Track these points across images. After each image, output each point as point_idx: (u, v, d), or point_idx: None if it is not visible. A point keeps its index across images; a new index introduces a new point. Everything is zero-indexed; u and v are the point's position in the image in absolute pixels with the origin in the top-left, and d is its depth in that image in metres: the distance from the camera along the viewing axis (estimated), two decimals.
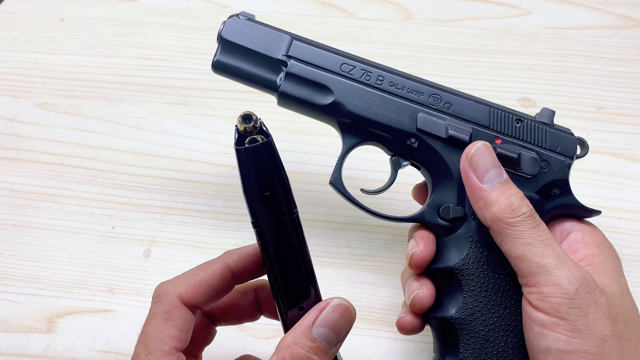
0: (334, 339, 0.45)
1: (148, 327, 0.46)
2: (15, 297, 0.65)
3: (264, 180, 0.45)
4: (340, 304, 0.46)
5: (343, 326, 0.46)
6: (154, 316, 0.46)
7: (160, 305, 0.47)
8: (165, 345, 0.45)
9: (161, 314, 0.46)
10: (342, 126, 0.56)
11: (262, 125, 0.46)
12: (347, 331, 0.46)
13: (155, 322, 0.46)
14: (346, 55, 0.57)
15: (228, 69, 0.57)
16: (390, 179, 0.57)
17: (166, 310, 0.46)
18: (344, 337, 0.46)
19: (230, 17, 0.57)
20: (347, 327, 0.46)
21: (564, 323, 0.44)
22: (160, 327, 0.46)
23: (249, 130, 0.45)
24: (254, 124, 0.45)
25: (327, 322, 0.45)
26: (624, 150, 0.76)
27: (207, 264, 0.49)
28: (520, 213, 0.47)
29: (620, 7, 0.92)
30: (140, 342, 0.46)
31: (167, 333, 0.45)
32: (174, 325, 0.46)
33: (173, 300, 0.47)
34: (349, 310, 0.46)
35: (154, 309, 0.47)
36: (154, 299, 0.48)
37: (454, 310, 0.51)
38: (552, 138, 0.54)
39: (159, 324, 0.46)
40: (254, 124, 0.45)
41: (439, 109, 0.55)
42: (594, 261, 0.50)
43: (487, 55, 0.86)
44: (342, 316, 0.45)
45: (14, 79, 0.85)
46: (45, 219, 0.71)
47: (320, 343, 0.44)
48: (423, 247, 0.53)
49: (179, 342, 0.46)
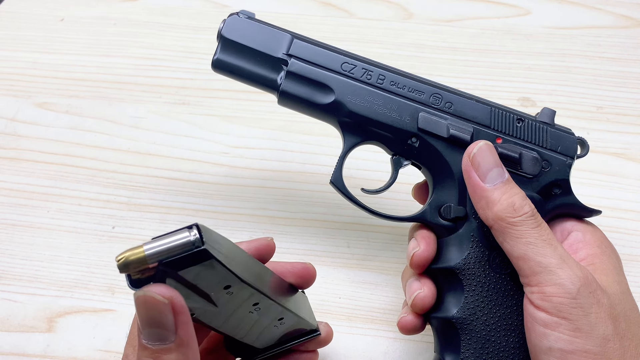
0: (162, 332, 0.38)
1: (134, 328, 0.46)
2: (15, 297, 0.65)
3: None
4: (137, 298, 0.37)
5: (155, 314, 0.38)
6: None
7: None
8: None
9: None
10: (343, 125, 0.56)
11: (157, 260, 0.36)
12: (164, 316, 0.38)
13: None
14: (347, 54, 0.57)
15: (228, 68, 0.57)
16: (391, 179, 0.57)
17: None
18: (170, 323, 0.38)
19: (230, 15, 0.57)
20: (159, 312, 0.37)
21: (566, 323, 0.44)
22: None
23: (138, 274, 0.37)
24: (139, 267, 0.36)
25: (142, 323, 0.38)
26: (624, 150, 0.76)
27: None
28: (522, 212, 0.47)
29: (620, 7, 0.92)
30: (128, 342, 0.45)
31: None
32: None
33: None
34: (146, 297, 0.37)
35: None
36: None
37: (455, 310, 0.51)
38: (553, 138, 0.54)
39: None
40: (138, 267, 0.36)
41: (440, 108, 0.55)
42: (595, 261, 0.50)
43: (487, 55, 0.86)
44: (145, 308, 0.38)
45: (14, 79, 0.85)
46: (45, 219, 0.71)
47: (153, 344, 0.38)
48: (424, 247, 0.53)
49: None
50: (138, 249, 0.36)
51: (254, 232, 0.69)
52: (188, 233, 0.36)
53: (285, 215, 0.71)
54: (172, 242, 0.36)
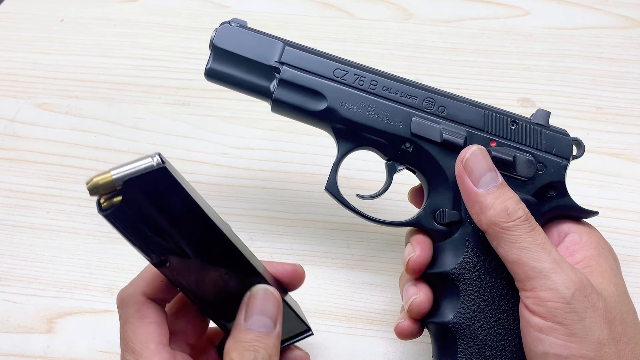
0: (269, 322, 0.46)
1: (126, 333, 0.46)
2: (15, 298, 0.65)
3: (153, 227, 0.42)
4: (258, 289, 0.47)
5: (270, 306, 0.47)
6: (127, 320, 0.46)
7: (128, 308, 0.47)
8: (150, 344, 0.45)
9: (132, 315, 0.46)
10: (337, 132, 0.56)
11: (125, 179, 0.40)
12: (276, 310, 0.47)
13: (130, 325, 0.46)
14: (339, 60, 0.57)
15: (221, 77, 0.57)
16: (386, 184, 0.57)
17: (136, 310, 0.46)
18: (279, 316, 0.47)
19: (222, 24, 0.57)
20: (275, 305, 0.47)
21: (561, 327, 0.44)
22: (137, 328, 0.46)
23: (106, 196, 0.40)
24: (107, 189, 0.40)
25: (254, 310, 0.46)
26: (623, 150, 0.76)
27: None
28: (515, 217, 0.47)
29: (620, 7, 0.92)
30: (124, 349, 0.46)
31: (146, 331, 0.45)
32: (150, 321, 0.46)
33: (138, 299, 0.47)
34: (268, 290, 0.47)
35: (124, 315, 0.47)
36: (119, 307, 0.48)
37: (452, 315, 0.51)
38: (548, 139, 0.54)
39: (135, 325, 0.46)
40: (106, 189, 0.40)
41: (433, 112, 0.55)
42: (592, 263, 0.50)
43: (486, 56, 0.86)
44: (264, 299, 0.47)
45: (14, 79, 0.85)
46: (45, 220, 0.71)
47: (257, 330, 0.45)
48: (419, 252, 0.53)
49: (161, 336, 0.46)
50: (105, 173, 0.40)
51: (253, 233, 0.69)
52: (151, 158, 0.40)
53: (284, 215, 0.71)
54: (136, 166, 0.40)
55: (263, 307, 0.46)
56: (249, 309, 0.46)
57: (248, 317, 0.46)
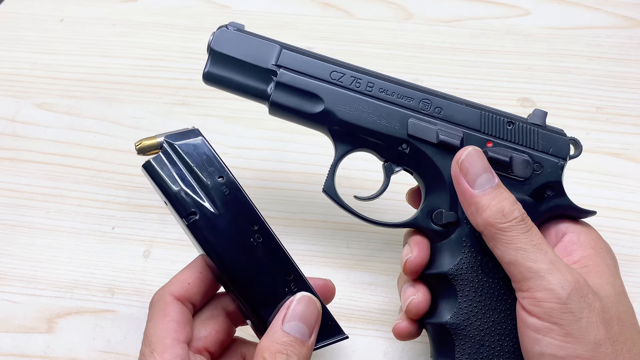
0: (306, 330, 0.48)
1: (148, 329, 0.48)
2: (14, 298, 0.65)
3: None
4: (303, 296, 0.49)
5: (310, 315, 0.49)
6: (151, 318, 0.49)
7: (155, 307, 0.50)
8: (166, 339, 0.47)
9: (157, 312, 0.49)
10: (334, 134, 0.56)
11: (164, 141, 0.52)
12: (316, 320, 0.49)
13: (152, 322, 0.48)
14: (336, 62, 0.57)
15: (219, 80, 0.58)
16: (383, 185, 0.57)
17: (161, 308, 0.49)
18: (316, 327, 0.49)
19: (219, 28, 0.57)
20: (315, 316, 0.49)
21: (557, 328, 0.44)
22: (158, 325, 0.48)
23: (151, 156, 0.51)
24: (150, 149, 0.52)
25: (294, 315, 0.48)
26: (623, 150, 0.76)
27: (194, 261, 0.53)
28: (511, 218, 0.47)
29: (620, 7, 0.92)
30: (143, 343, 0.48)
31: (165, 328, 0.47)
32: (171, 319, 0.48)
33: (166, 299, 0.49)
34: (312, 300, 0.49)
35: (150, 313, 0.50)
36: (149, 307, 0.50)
37: (449, 315, 0.51)
38: (544, 139, 0.54)
39: (157, 322, 0.48)
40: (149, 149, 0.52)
41: (430, 113, 0.55)
42: (589, 263, 0.50)
43: (486, 56, 0.86)
44: (307, 307, 0.49)
45: (14, 79, 0.85)
46: (44, 219, 0.71)
47: (294, 336, 0.47)
48: (417, 253, 0.53)
49: (178, 333, 0.47)
50: (151, 137, 0.52)
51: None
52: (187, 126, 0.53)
53: (284, 215, 0.71)
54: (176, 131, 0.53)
55: (304, 314, 0.48)
56: (290, 312, 0.48)
57: (287, 320, 0.47)
